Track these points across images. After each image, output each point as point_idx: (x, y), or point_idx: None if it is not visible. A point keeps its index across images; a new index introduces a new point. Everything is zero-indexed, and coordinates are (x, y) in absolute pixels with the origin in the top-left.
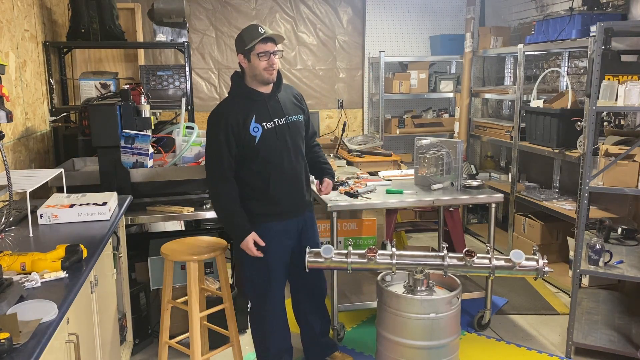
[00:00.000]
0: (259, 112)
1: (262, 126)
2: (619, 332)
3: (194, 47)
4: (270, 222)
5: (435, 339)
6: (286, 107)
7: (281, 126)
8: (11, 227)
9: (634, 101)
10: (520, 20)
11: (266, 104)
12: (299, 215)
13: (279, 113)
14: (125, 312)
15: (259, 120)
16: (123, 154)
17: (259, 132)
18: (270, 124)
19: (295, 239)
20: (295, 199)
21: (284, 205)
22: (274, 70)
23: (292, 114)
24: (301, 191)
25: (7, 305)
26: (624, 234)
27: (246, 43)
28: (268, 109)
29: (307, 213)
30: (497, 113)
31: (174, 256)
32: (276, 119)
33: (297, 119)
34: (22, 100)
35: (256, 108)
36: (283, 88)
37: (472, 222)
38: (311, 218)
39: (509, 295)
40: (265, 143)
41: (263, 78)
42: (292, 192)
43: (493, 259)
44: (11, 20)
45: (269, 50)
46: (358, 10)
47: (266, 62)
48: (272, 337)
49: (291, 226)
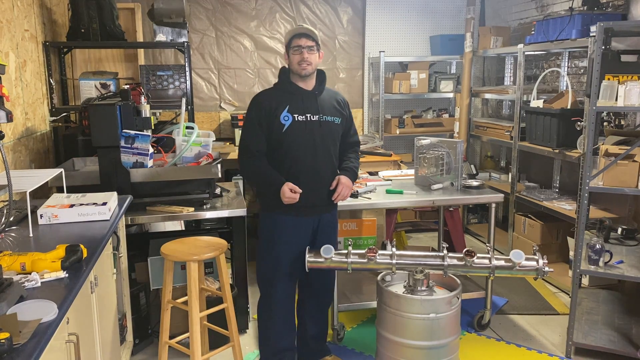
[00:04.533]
0: (293, 104)
1: (293, 117)
2: (619, 332)
3: (194, 47)
4: (284, 215)
5: (435, 339)
6: (323, 107)
7: (312, 122)
8: (11, 227)
9: (634, 101)
10: (520, 20)
11: (302, 97)
12: (315, 215)
13: (313, 109)
14: (125, 312)
15: (291, 110)
16: (123, 154)
17: (289, 121)
18: (301, 117)
19: (309, 238)
20: (312, 198)
21: (303, 201)
22: (307, 64)
23: (327, 114)
24: (321, 191)
25: (7, 305)
26: (624, 234)
27: (286, 40)
28: (303, 103)
29: (325, 215)
30: (497, 113)
31: (174, 256)
32: (309, 114)
33: (333, 121)
34: (22, 100)
35: (291, 99)
36: (327, 91)
37: (472, 222)
38: (330, 220)
39: (509, 295)
40: (293, 133)
41: (297, 72)
42: (310, 190)
43: (493, 259)
44: (11, 20)
45: (302, 45)
46: (358, 10)
47: (299, 56)
48: (276, 331)
49: (305, 224)
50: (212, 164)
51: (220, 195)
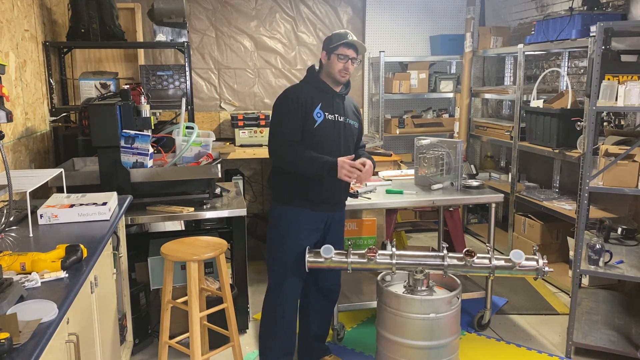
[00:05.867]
0: (325, 102)
1: (324, 114)
2: (619, 332)
3: (194, 47)
4: (303, 208)
5: (435, 339)
6: (346, 110)
7: (339, 122)
8: (11, 227)
9: (634, 101)
10: (520, 20)
11: (333, 98)
12: (329, 211)
13: (340, 111)
14: (125, 312)
15: (323, 108)
16: (123, 154)
17: (321, 118)
18: (332, 116)
19: (321, 233)
20: (332, 194)
21: (321, 196)
22: (347, 74)
23: (350, 117)
24: (340, 189)
25: (7, 305)
26: (624, 234)
27: (332, 42)
28: (333, 103)
29: (337, 212)
30: (497, 113)
31: (174, 256)
32: (337, 115)
33: (353, 124)
34: (22, 100)
35: (324, 98)
36: (347, 96)
37: (472, 222)
38: (340, 219)
39: (509, 295)
40: (323, 130)
41: (336, 78)
42: (332, 187)
43: (493, 259)
44: (11, 20)
45: (349, 56)
46: (358, 10)
47: (342, 65)
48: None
49: (320, 219)
50: (212, 164)
51: (220, 195)
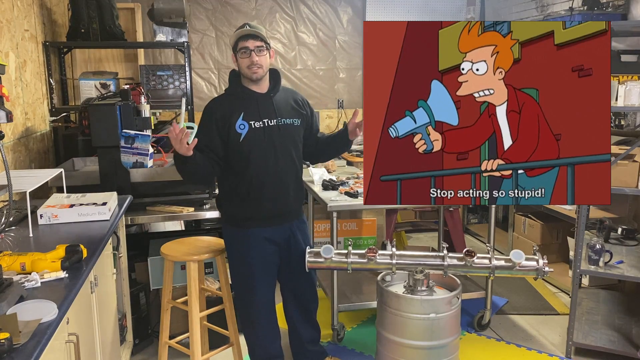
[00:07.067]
0: (248, 110)
1: (249, 124)
2: (619, 332)
3: (194, 47)
4: (253, 228)
5: (435, 339)
6: (280, 109)
7: (270, 127)
8: (11, 227)
9: (634, 101)
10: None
11: (257, 103)
12: (285, 223)
13: (270, 114)
14: (125, 312)
15: (246, 118)
16: (123, 154)
17: (245, 130)
18: (258, 123)
19: (282, 247)
20: (279, 204)
21: (267, 209)
22: (257, 67)
23: (286, 116)
24: (286, 197)
25: (7, 305)
26: (624, 234)
27: (232, 41)
28: (258, 109)
29: (295, 222)
30: None
31: (174, 256)
32: (266, 119)
33: (292, 123)
34: (22, 100)
35: (246, 106)
36: (283, 91)
37: (472, 222)
38: (300, 225)
39: (509, 295)
40: (250, 142)
41: (248, 76)
42: (276, 197)
43: (493, 259)
44: (11, 20)
45: (249, 47)
46: (358, 10)
47: (248, 60)
48: (260, 342)
49: (276, 233)
50: None
51: None
